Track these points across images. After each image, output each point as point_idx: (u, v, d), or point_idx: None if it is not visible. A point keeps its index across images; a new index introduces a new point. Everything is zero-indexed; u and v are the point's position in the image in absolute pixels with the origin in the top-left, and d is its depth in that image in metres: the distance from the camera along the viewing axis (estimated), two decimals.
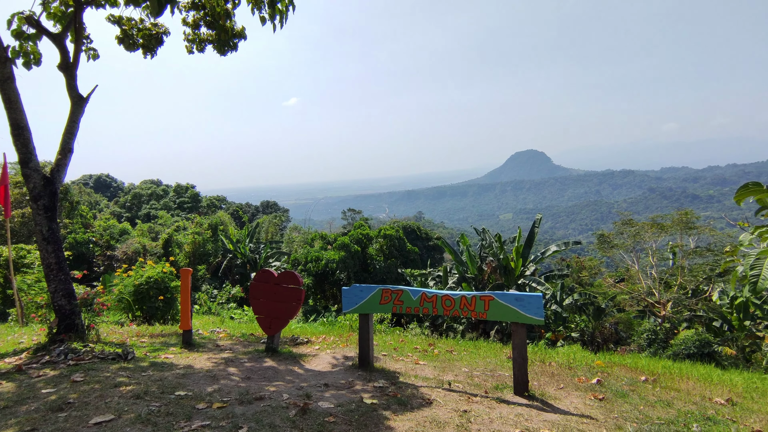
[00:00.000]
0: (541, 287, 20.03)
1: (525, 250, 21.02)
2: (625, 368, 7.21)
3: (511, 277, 21.18)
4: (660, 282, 18.14)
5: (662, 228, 17.93)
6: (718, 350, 13.61)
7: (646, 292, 18.79)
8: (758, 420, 5.13)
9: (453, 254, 22.98)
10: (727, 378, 7.98)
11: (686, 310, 17.68)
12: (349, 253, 25.72)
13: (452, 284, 22.03)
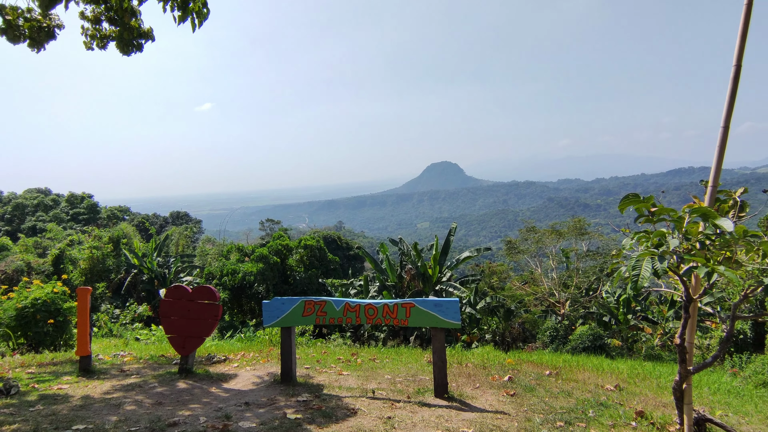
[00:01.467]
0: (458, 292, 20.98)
1: (441, 257, 21.94)
2: (532, 364, 7.83)
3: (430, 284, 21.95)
4: (559, 283, 19.97)
5: (560, 234, 19.84)
6: (607, 342, 15.25)
7: (548, 292, 20.55)
8: (640, 402, 5.88)
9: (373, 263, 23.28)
10: (615, 366, 9.02)
11: (581, 308, 19.61)
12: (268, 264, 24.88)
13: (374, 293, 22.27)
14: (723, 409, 6.04)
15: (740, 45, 3.87)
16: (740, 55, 3.88)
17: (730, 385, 8.53)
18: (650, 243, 3.54)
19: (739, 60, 3.88)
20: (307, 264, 27.50)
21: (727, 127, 3.93)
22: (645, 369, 9.10)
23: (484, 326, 24.48)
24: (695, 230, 3.52)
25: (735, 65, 3.90)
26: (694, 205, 3.88)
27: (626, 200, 3.90)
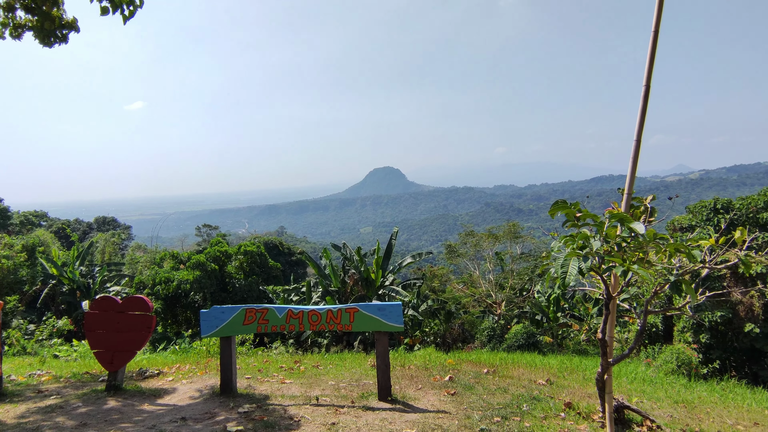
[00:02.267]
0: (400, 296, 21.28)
1: (384, 261, 22.15)
2: (471, 363, 8.14)
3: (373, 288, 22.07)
4: (496, 284, 20.89)
5: (496, 238, 20.80)
6: (540, 339, 16.15)
7: (485, 294, 21.42)
8: (568, 394, 6.31)
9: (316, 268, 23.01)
10: (547, 362, 9.59)
11: (516, 308, 20.64)
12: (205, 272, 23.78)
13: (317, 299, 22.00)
14: (639, 396, 6.64)
15: (649, 68, 4.32)
16: (649, 77, 4.33)
17: (645, 374, 9.38)
18: (576, 245, 3.85)
19: (648, 81, 4.33)
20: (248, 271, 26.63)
21: (639, 141, 4.37)
22: (573, 363, 9.76)
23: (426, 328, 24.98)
24: (613, 233, 3.87)
25: (645, 85, 4.35)
26: (613, 210, 4.25)
27: (555, 206, 4.21)
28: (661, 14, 4.30)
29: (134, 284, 23.88)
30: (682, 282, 3.89)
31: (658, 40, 4.32)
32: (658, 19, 4.30)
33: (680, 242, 3.89)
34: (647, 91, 4.34)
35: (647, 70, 4.34)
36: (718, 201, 13.07)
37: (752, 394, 8.13)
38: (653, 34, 4.31)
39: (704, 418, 5.67)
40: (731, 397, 7.51)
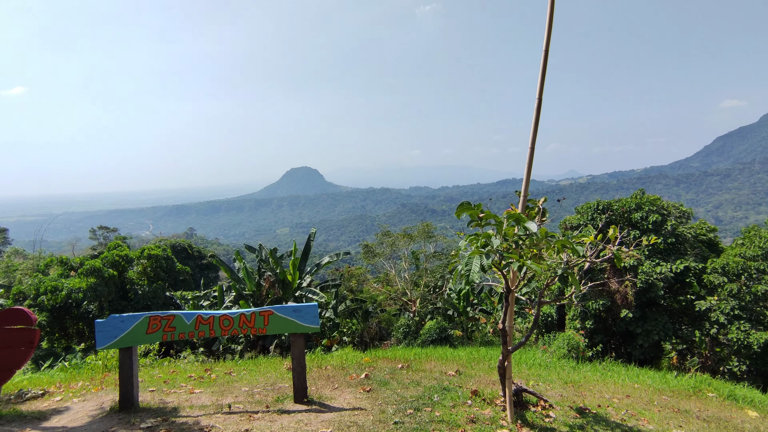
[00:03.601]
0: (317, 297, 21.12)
1: (301, 263, 21.83)
2: (386, 360, 8.37)
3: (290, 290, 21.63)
4: (411, 282, 21.60)
5: (411, 237, 21.52)
6: (451, 333, 17.02)
7: (401, 292, 22.05)
8: (475, 382, 6.76)
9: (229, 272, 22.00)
10: (457, 354, 10.18)
11: (430, 304, 21.51)
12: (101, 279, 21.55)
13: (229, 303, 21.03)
14: (535, 379, 7.32)
15: (540, 83, 4.82)
16: (541, 91, 4.82)
17: (542, 359, 10.35)
18: (479, 244, 4.17)
19: (540, 95, 4.82)
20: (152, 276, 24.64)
21: (533, 149, 4.84)
22: (480, 354, 10.46)
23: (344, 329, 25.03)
24: (511, 232, 4.26)
25: (537, 99, 4.84)
26: (511, 211, 4.67)
27: (461, 207, 4.51)
28: (550, 37, 4.81)
29: (11, 295, 20.95)
30: (568, 275, 4.39)
31: (548, 59, 4.82)
32: (548, 40, 4.81)
33: (566, 239, 4.40)
34: (539, 104, 4.83)
35: (539, 85, 4.83)
36: (600, 203, 14.83)
37: (626, 371, 9.36)
38: (544, 53, 4.81)
39: (587, 395, 6.42)
40: (609, 375, 8.59)
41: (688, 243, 13.77)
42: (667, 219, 13.78)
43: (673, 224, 13.63)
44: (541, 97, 4.82)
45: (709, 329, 12.54)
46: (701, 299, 12.76)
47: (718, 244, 14.68)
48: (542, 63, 4.81)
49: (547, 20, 4.86)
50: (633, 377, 8.52)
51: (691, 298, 13.23)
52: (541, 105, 4.84)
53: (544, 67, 4.81)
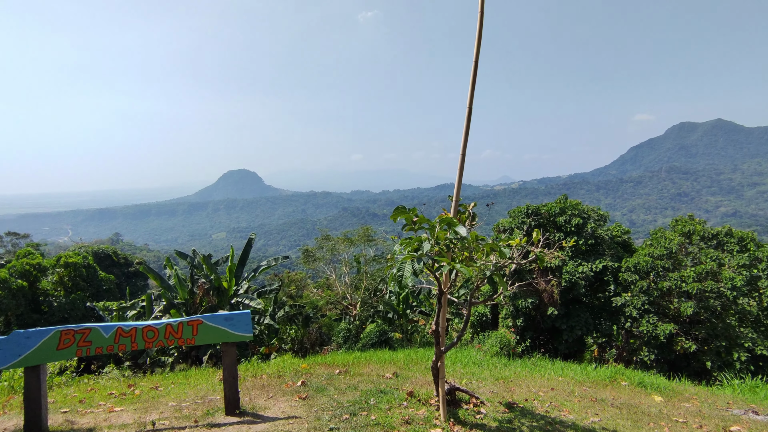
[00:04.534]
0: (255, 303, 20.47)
1: (238, 268, 21.07)
2: (324, 366, 8.29)
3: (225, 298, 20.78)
4: (351, 286, 21.58)
5: (351, 241, 21.52)
6: (391, 336, 17.19)
7: (341, 296, 21.94)
8: (412, 384, 6.87)
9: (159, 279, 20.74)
10: (396, 357, 10.29)
11: (370, 308, 21.60)
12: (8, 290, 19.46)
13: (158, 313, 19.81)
14: (468, 377, 7.58)
15: (471, 92, 5.02)
16: (471, 100, 5.03)
17: (476, 357, 10.73)
18: (411, 248, 4.26)
19: (470, 103, 5.03)
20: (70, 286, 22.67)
21: (464, 155, 5.03)
22: (418, 355, 10.64)
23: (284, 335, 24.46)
24: (443, 236, 4.39)
25: (468, 107, 5.04)
26: (443, 215, 4.81)
27: (397, 212, 4.58)
28: (479, 49, 5.04)
29: None
30: (495, 276, 4.60)
31: (477, 70, 5.04)
32: (477, 53, 5.03)
33: (495, 242, 4.60)
34: (470, 112, 5.03)
35: (469, 94, 5.04)
36: (529, 207, 15.72)
37: (552, 365, 9.95)
38: (474, 63, 5.02)
39: (516, 390, 6.75)
40: (537, 369, 9.09)
41: (605, 244, 14.94)
42: (588, 222, 14.88)
43: (592, 227, 14.74)
44: (471, 105, 5.03)
45: (624, 323, 13.66)
46: (617, 296, 13.88)
47: (632, 244, 16.06)
48: (472, 73, 5.02)
49: (476, 33, 5.09)
50: (558, 371, 9.07)
51: (609, 295, 14.35)
52: (472, 113, 5.04)
53: (474, 77, 5.02)
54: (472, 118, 5.15)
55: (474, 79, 5.03)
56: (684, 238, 13.83)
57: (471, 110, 5.05)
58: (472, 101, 5.05)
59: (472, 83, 5.05)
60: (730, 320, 12.23)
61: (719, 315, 12.37)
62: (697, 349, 12.18)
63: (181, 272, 21.47)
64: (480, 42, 5.05)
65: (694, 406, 6.50)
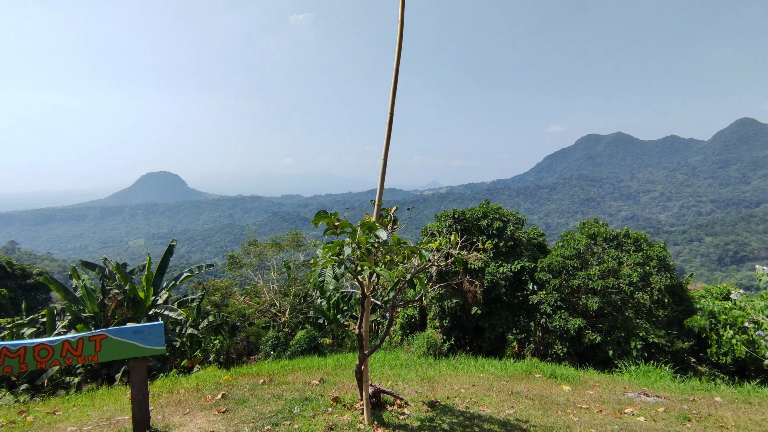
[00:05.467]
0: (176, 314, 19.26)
1: (157, 277, 19.70)
2: (249, 376, 7.98)
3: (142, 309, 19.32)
4: (280, 293, 21.04)
5: (280, 247, 20.99)
6: (321, 342, 16.99)
7: (270, 303, 21.31)
8: (338, 389, 6.84)
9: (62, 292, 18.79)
10: (324, 362, 10.18)
11: (300, 314, 21.19)
12: None
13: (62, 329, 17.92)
14: (395, 379, 7.69)
15: (392, 100, 5.13)
16: (392, 106, 5.14)
17: (404, 359, 10.93)
18: (332, 252, 4.25)
19: (391, 110, 5.14)
20: None
21: (386, 160, 5.12)
22: (347, 360, 10.62)
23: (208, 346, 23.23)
24: (364, 240, 4.42)
25: (389, 114, 5.14)
26: (366, 220, 4.86)
27: (318, 216, 4.55)
28: (399, 58, 5.17)
29: None
30: (416, 279, 4.72)
31: (398, 77, 5.17)
32: (398, 59, 5.16)
33: (415, 246, 4.73)
34: (391, 118, 5.14)
35: (391, 100, 5.15)
36: (455, 211, 16.37)
37: (475, 362, 10.40)
38: (395, 71, 5.15)
39: (439, 388, 6.97)
40: (461, 367, 9.45)
41: (523, 246, 15.95)
42: (508, 225, 15.79)
43: (512, 230, 15.66)
44: (392, 111, 5.14)
45: (540, 319, 14.65)
46: (534, 294, 14.86)
47: (546, 246, 17.29)
48: (393, 80, 5.14)
49: (397, 41, 5.22)
50: (480, 367, 9.50)
51: (527, 294, 15.32)
52: (393, 119, 5.16)
53: (395, 84, 5.14)
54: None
55: (395, 86, 5.15)
56: (590, 240, 15.15)
57: (392, 116, 5.16)
58: (393, 107, 5.16)
59: (393, 90, 5.17)
60: (628, 313, 13.57)
61: (619, 308, 13.68)
62: (601, 340, 13.37)
63: (91, 283, 19.65)
64: (400, 50, 5.19)
65: (597, 393, 7.13)
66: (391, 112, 5.15)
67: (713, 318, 11.81)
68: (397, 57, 5.17)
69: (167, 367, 17.63)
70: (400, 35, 5.21)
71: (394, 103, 5.14)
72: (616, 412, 5.92)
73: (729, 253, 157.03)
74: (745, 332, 10.17)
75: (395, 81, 5.14)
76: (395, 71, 5.16)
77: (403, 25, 5.21)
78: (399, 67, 5.17)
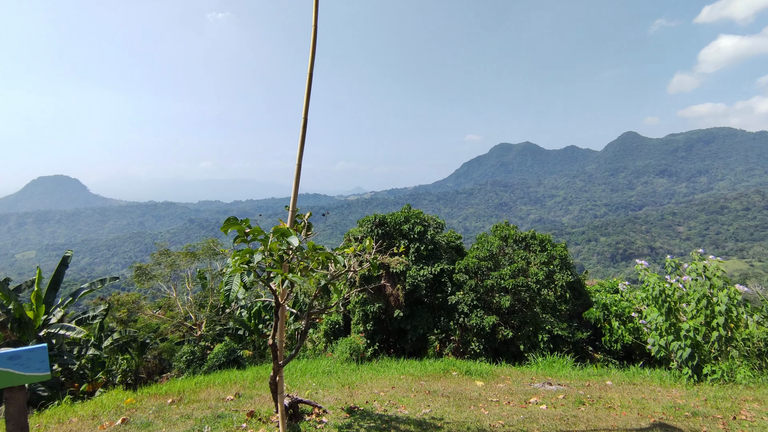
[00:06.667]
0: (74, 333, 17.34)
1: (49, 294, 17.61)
2: (155, 397, 7.39)
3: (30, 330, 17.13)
4: (196, 305, 19.82)
5: (195, 256, 19.79)
6: (240, 354, 16.26)
7: (184, 316, 19.99)
8: (255, 403, 6.57)
9: None
10: (243, 375, 9.74)
11: (219, 326, 20.13)
12: None
13: None
14: (315, 387, 7.57)
15: (306, 104, 5.08)
16: (306, 111, 5.08)
17: (326, 366, 10.80)
18: (242, 260, 4.08)
19: (305, 114, 5.08)
20: None
21: (300, 165, 5.05)
22: (267, 371, 10.25)
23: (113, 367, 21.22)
24: (275, 246, 4.31)
25: (303, 118, 5.08)
26: (279, 226, 4.74)
27: (227, 223, 4.34)
28: (313, 62, 5.14)
29: None
30: (330, 284, 4.69)
31: (312, 82, 5.13)
32: (312, 64, 5.13)
33: (330, 252, 4.70)
34: (305, 123, 5.08)
35: (305, 105, 5.09)
36: (377, 216, 16.59)
37: (397, 365, 10.58)
38: (308, 75, 5.10)
39: (359, 393, 6.98)
40: (382, 371, 9.55)
41: (442, 249, 16.57)
42: (428, 229, 16.32)
43: (432, 234, 16.21)
44: (306, 116, 5.08)
45: (459, 318, 15.29)
46: (452, 294, 15.48)
47: (463, 248, 18.12)
48: (307, 85, 5.09)
49: (311, 45, 5.18)
50: (401, 369, 9.68)
51: (446, 295, 15.91)
52: (307, 123, 5.10)
53: (308, 90, 5.09)
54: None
55: (309, 91, 5.11)
56: (502, 242, 16.14)
57: (306, 120, 5.11)
58: (307, 112, 5.11)
59: (306, 95, 5.12)
60: (536, 309, 14.65)
61: (528, 305, 14.71)
62: (513, 335, 14.27)
63: None
64: (314, 54, 5.16)
65: (507, 386, 7.58)
66: (305, 116, 5.09)
67: (606, 310, 13.13)
68: (311, 61, 5.13)
69: (62, 394, 15.82)
70: (313, 41, 5.18)
71: (308, 107, 5.08)
72: (522, 403, 6.34)
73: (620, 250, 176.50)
74: (631, 321, 11.44)
75: (309, 86, 5.10)
76: (309, 76, 5.12)
77: (316, 30, 5.19)
78: (313, 72, 5.13)
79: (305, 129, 5.10)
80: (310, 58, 5.15)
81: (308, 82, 5.11)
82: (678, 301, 8.02)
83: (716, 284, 7.67)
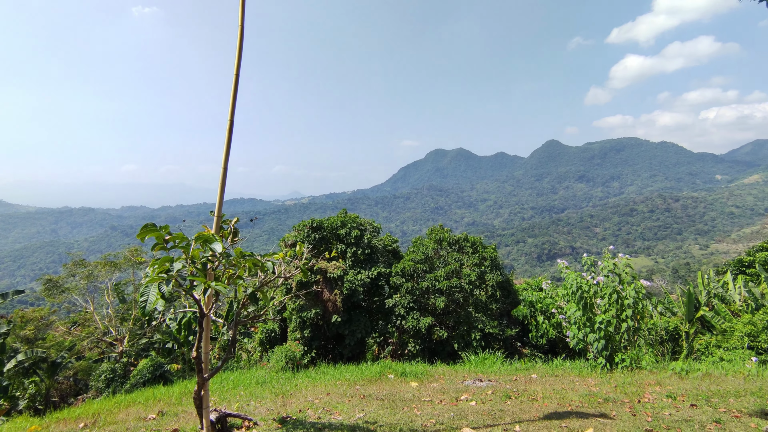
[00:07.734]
0: None
1: None
2: (65, 422, 6.75)
3: None
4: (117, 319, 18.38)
5: (116, 265, 18.33)
6: (167, 369, 15.29)
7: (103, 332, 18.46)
8: (180, 420, 6.21)
9: None
10: (169, 392, 9.15)
11: (144, 339, 18.79)
12: None
13: None
14: (247, 399, 7.30)
15: (232, 107, 4.92)
16: (232, 114, 4.92)
17: (260, 376, 10.46)
18: (161, 269, 3.84)
19: (231, 117, 4.91)
20: None
21: (225, 169, 4.87)
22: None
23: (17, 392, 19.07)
24: (197, 254, 4.11)
25: (229, 121, 4.91)
26: (202, 233, 4.53)
27: (144, 230, 4.07)
28: (240, 62, 4.99)
29: None
30: (258, 291, 4.56)
31: (238, 85, 4.98)
32: (238, 66, 4.98)
33: (257, 258, 4.56)
34: (231, 126, 4.91)
35: (230, 108, 4.93)
36: (314, 221, 16.40)
37: (334, 371, 10.47)
38: (234, 77, 4.95)
39: (293, 402, 6.83)
40: (319, 377, 9.42)
41: (379, 252, 16.72)
42: (365, 233, 16.39)
43: (368, 238, 16.30)
44: (232, 119, 4.92)
45: (396, 321, 15.48)
46: (389, 297, 15.65)
47: (400, 252, 18.42)
48: (233, 88, 4.94)
49: (237, 47, 5.03)
50: (338, 375, 9.60)
51: (383, 298, 16.06)
52: (233, 127, 4.93)
53: (234, 91, 4.94)
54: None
55: (235, 94, 4.95)
56: (437, 244, 16.60)
57: (232, 124, 4.94)
58: (233, 115, 4.94)
59: (233, 97, 4.96)
60: (469, 308, 15.21)
61: (462, 305, 15.24)
62: (448, 335, 14.70)
63: None
64: (240, 56, 5.02)
65: (440, 385, 7.78)
66: (231, 119, 4.92)
67: (532, 307, 13.92)
68: (237, 63, 4.98)
69: None
70: (240, 41, 5.03)
71: (234, 110, 4.93)
72: (454, 401, 6.53)
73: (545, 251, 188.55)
74: (553, 317, 12.23)
75: (235, 88, 4.94)
76: (235, 77, 4.97)
77: (243, 30, 5.04)
78: (239, 73, 4.99)
79: (231, 131, 4.93)
80: (236, 59, 5.00)
81: (234, 83, 4.96)
82: (593, 297, 8.69)
83: (625, 279, 8.43)
